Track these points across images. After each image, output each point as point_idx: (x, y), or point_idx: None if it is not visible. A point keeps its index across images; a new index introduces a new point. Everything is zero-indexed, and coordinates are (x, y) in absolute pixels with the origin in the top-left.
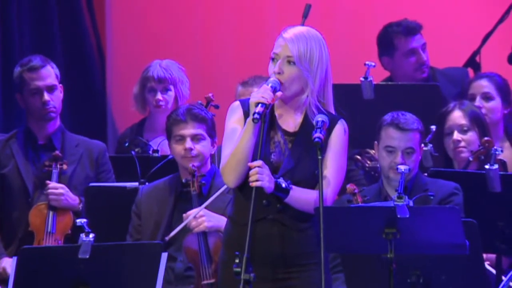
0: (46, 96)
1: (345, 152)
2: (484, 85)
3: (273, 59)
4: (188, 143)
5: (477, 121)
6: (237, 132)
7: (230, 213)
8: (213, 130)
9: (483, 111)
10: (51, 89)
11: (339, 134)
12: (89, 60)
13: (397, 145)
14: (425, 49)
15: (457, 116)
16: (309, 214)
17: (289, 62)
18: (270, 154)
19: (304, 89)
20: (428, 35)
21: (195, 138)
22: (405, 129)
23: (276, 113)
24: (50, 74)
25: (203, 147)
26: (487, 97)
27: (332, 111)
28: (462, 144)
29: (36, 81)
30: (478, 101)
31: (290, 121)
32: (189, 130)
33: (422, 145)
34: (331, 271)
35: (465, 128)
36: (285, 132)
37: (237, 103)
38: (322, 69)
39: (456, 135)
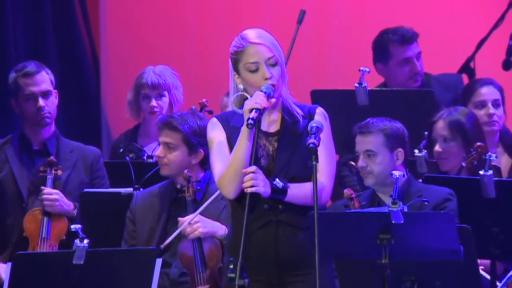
0: (41, 102)
1: (330, 138)
2: (493, 91)
3: (253, 70)
4: (159, 151)
5: (459, 131)
6: (223, 145)
7: (232, 224)
8: (194, 139)
9: (495, 118)
10: (45, 94)
11: (321, 121)
12: (83, 66)
13: (359, 149)
14: (420, 58)
15: (440, 127)
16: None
17: (271, 64)
18: (259, 159)
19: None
20: (422, 41)
21: (167, 146)
22: (363, 133)
23: None
24: (45, 79)
25: (175, 156)
26: (496, 104)
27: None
28: (443, 155)
29: (30, 87)
30: (491, 109)
31: (269, 121)
32: (162, 138)
33: (416, 150)
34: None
35: (447, 139)
36: (268, 134)
37: (215, 119)
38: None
39: (437, 146)
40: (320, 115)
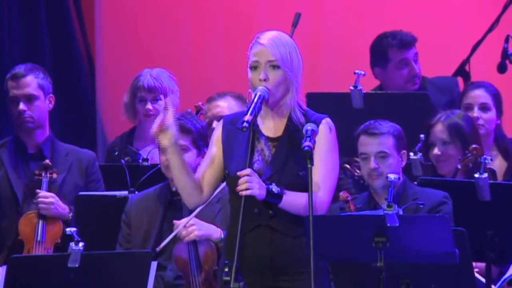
0: (22, 106)
1: (334, 151)
2: (482, 95)
3: (253, 67)
4: None
5: (458, 134)
6: (210, 154)
7: (229, 224)
8: (200, 141)
9: (480, 122)
10: (29, 98)
11: (325, 134)
12: (79, 69)
13: (369, 150)
14: (417, 60)
15: (438, 130)
16: (303, 218)
17: (272, 66)
18: (253, 163)
19: (288, 91)
20: (417, 44)
21: None
22: (374, 134)
23: (259, 121)
24: (30, 83)
25: (187, 159)
26: (484, 108)
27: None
28: (442, 158)
29: (14, 90)
30: (476, 112)
31: (273, 127)
32: None
33: (411, 153)
34: None
35: (446, 142)
36: (269, 139)
37: (221, 120)
38: (300, 68)
39: (436, 149)
40: (324, 125)
